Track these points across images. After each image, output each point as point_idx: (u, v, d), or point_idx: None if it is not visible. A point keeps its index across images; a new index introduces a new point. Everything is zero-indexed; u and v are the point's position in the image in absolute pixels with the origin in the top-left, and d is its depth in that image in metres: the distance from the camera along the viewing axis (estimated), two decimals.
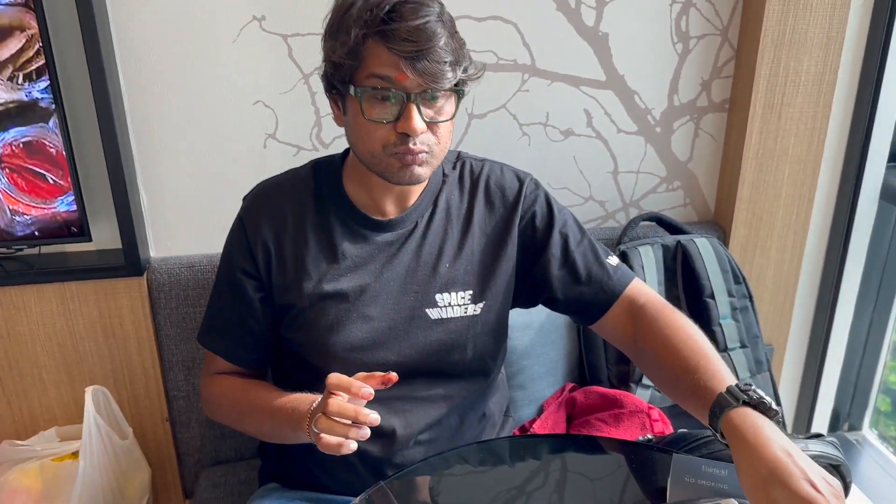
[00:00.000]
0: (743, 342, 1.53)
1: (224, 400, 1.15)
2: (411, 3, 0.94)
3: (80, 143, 1.41)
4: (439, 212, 1.14)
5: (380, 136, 0.99)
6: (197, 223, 1.52)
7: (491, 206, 1.16)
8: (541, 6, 1.49)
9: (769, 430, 0.89)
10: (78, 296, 1.46)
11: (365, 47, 0.95)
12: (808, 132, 1.61)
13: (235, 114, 1.46)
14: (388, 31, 0.93)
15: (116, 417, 1.49)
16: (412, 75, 0.94)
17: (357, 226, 1.11)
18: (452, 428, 1.19)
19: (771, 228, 1.68)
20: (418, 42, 0.93)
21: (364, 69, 0.96)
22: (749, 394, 0.93)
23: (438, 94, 0.98)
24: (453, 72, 0.96)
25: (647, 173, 1.67)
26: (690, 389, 0.99)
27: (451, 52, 0.96)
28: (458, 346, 1.13)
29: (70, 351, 1.50)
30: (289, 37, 1.43)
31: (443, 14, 0.98)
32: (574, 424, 1.46)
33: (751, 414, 0.91)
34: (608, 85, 1.57)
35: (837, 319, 1.84)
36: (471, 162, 1.18)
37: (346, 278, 1.09)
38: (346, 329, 1.09)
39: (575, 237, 1.17)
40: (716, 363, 1.00)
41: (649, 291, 1.16)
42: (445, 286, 1.12)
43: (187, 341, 1.51)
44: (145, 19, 1.37)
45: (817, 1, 1.50)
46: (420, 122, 0.97)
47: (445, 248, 1.13)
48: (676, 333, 1.05)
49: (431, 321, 1.12)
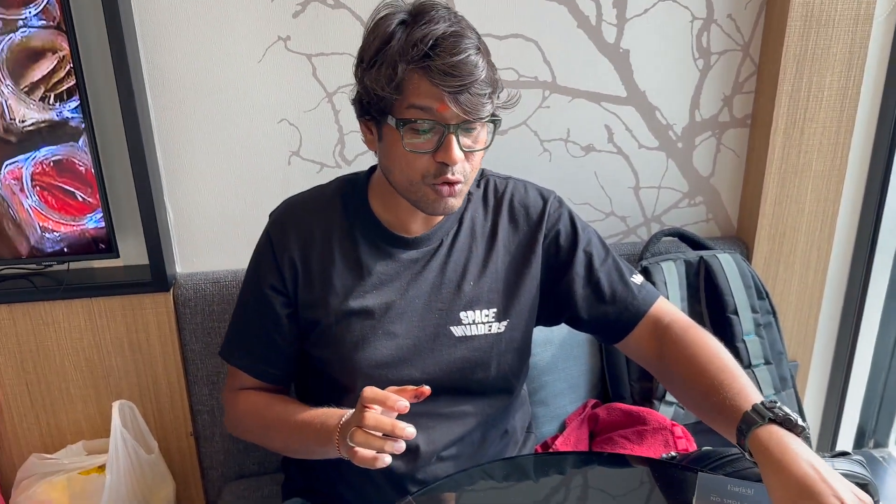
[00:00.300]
0: (767, 359, 1.52)
1: (249, 415, 1.16)
2: (453, 37, 0.95)
3: (109, 161, 1.44)
4: (464, 230, 1.14)
5: (419, 167, 1.00)
6: (222, 239, 1.55)
7: (515, 225, 1.16)
8: (561, 24, 1.50)
9: (797, 447, 0.89)
10: (105, 311, 1.49)
11: (407, 80, 0.96)
12: (831, 147, 1.60)
13: (260, 132, 1.48)
14: (432, 66, 0.94)
15: (142, 431, 1.51)
16: (454, 108, 0.95)
17: (383, 243, 1.12)
18: (475, 444, 1.19)
19: (794, 244, 1.67)
20: (461, 77, 0.94)
21: (405, 101, 0.97)
22: (775, 411, 0.92)
23: (477, 125, 1.00)
24: (491, 103, 0.98)
25: (669, 188, 1.67)
26: (717, 408, 0.99)
27: (489, 83, 0.97)
28: (481, 364, 1.13)
29: (97, 365, 1.52)
30: (313, 56, 1.45)
31: (480, 44, 0.99)
32: (597, 441, 1.45)
33: (777, 431, 0.91)
34: (629, 101, 1.58)
35: (862, 335, 1.82)
36: (494, 180, 1.19)
37: (371, 295, 1.10)
38: (372, 346, 1.10)
39: (599, 256, 1.17)
40: (741, 381, 1.00)
41: (674, 310, 1.16)
42: (470, 304, 1.13)
43: (212, 356, 1.52)
44: (173, 40, 1.40)
45: (840, 16, 1.49)
46: (459, 152, 0.98)
47: (470, 265, 1.13)
48: (702, 352, 1.05)
49: (455, 339, 1.12)
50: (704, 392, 1.02)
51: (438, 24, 0.95)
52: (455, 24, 0.97)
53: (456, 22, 0.98)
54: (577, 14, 1.50)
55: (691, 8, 1.53)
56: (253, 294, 1.15)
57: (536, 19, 1.49)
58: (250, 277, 1.17)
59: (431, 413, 1.12)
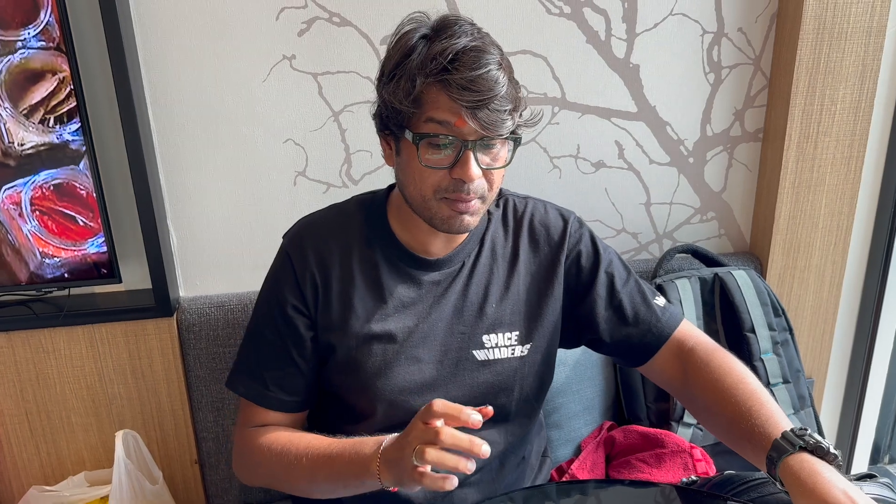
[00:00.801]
0: (786, 377, 1.49)
1: (266, 454, 1.06)
2: (473, 52, 0.93)
3: (110, 184, 1.40)
4: (485, 251, 1.11)
5: (433, 181, 0.97)
6: (226, 262, 1.51)
7: (535, 246, 1.14)
8: (570, 40, 1.47)
9: (828, 474, 0.86)
10: (108, 337, 1.45)
11: (426, 94, 0.94)
12: (844, 161, 1.58)
13: (266, 152, 1.45)
14: (450, 80, 0.92)
15: (146, 461, 1.46)
16: (472, 124, 0.92)
17: (404, 265, 1.08)
18: (494, 471, 1.16)
19: (809, 259, 1.64)
20: (480, 91, 0.91)
21: (423, 115, 0.95)
22: (805, 438, 0.90)
23: (496, 142, 0.97)
24: (512, 119, 0.95)
25: (681, 204, 1.64)
26: (746, 435, 0.96)
27: (510, 100, 0.94)
28: (505, 389, 1.10)
29: (99, 393, 1.48)
30: (318, 75, 1.42)
31: (503, 61, 0.97)
32: (613, 465, 1.42)
33: (809, 459, 0.89)
34: (640, 116, 1.55)
35: (878, 349, 1.79)
36: (514, 200, 1.16)
37: (393, 319, 1.07)
38: (395, 371, 1.06)
39: (621, 277, 1.14)
40: (769, 407, 0.98)
41: (698, 333, 1.13)
42: (492, 327, 1.10)
43: (217, 382, 1.48)
44: (176, 60, 1.37)
45: (852, 28, 1.47)
46: (476, 168, 0.95)
47: (492, 288, 1.10)
48: (728, 377, 1.03)
49: (478, 363, 1.09)
50: (732, 419, 0.99)
51: (460, 38, 0.93)
52: (478, 39, 0.95)
53: (479, 37, 0.96)
54: (586, 29, 1.47)
55: (701, 22, 1.51)
56: (271, 318, 1.08)
57: (545, 35, 1.46)
58: (267, 299, 1.10)
59: None
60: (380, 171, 1.50)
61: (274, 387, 1.09)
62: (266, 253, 1.50)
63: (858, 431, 1.88)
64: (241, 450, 1.11)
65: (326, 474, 0.99)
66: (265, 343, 1.10)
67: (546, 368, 1.16)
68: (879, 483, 1.19)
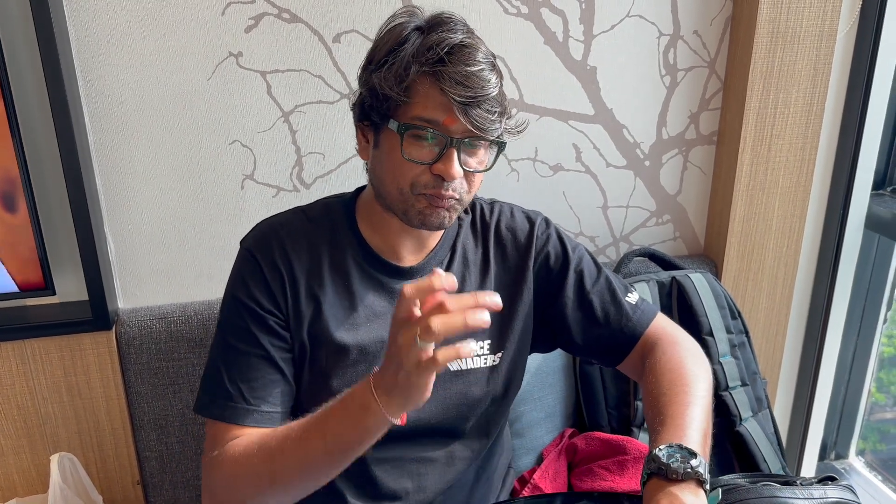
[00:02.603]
0: (744, 380, 1.49)
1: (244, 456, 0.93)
2: (468, 48, 0.91)
3: (42, 188, 1.31)
4: (457, 259, 1.08)
5: (412, 176, 0.93)
6: (169, 271, 1.43)
7: (503, 251, 1.11)
8: (528, 40, 1.44)
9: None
10: (40, 354, 1.35)
11: (418, 84, 0.91)
12: (797, 163, 1.59)
13: (210, 155, 1.38)
14: (445, 73, 0.89)
15: (84, 485, 1.37)
16: (463, 120, 0.90)
17: (375, 272, 1.03)
18: (468, 485, 1.13)
19: (762, 261, 1.65)
20: (473, 89, 0.89)
21: (411, 106, 0.92)
22: (659, 461, 0.85)
23: (481, 144, 0.95)
24: (500, 123, 0.93)
25: (637, 207, 1.63)
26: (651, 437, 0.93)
27: (500, 103, 0.93)
28: (476, 399, 1.07)
29: (31, 414, 1.38)
30: (267, 73, 1.35)
31: (495, 63, 0.95)
32: (576, 473, 1.39)
33: (655, 485, 0.84)
34: (597, 119, 1.54)
35: (826, 350, 1.82)
36: (481, 204, 1.13)
37: (364, 328, 1.01)
38: None
39: (591, 276, 1.11)
40: (679, 420, 0.91)
41: (668, 326, 1.11)
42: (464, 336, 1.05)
43: (159, 398, 1.40)
44: (113, 55, 1.29)
45: (805, 31, 1.49)
46: (458, 167, 0.92)
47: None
48: (669, 375, 0.99)
49: (451, 373, 1.05)
50: (650, 417, 0.96)
51: (456, 33, 0.92)
52: (471, 37, 0.94)
53: (473, 37, 0.94)
54: (543, 30, 1.45)
55: (658, 24, 1.50)
56: (244, 326, 0.98)
57: (503, 35, 1.43)
58: (235, 307, 0.99)
59: (423, 458, 1.04)
60: (333, 175, 1.44)
61: (255, 399, 0.97)
62: (211, 261, 1.44)
63: (808, 429, 1.90)
64: (212, 474, 0.96)
65: (320, 443, 0.86)
66: (240, 354, 0.99)
67: (515, 377, 1.12)
68: (841, 486, 1.19)
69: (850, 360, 1.91)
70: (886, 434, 2.08)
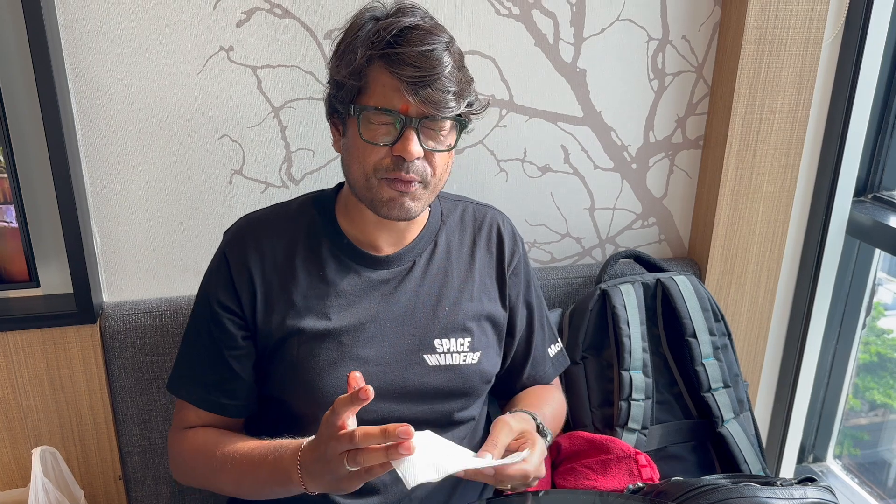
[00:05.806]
0: (726, 382, 1.50)
1: (196, 456, 1.04)
2: (420, 31, 0.92)
3: (28, 180, 1.30)
4: (439, 252, 1.09)
5: (375, 159, 0.95)
6: (155, 265, 1.42)
7: (491, 254, 1.13)
8: (519, 42, 1.45)
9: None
10: (23, 346, 1.34)
11: (369, 69, 0.93)
12: (781, 168, 1.61)
13: (199, 149, 1.37)
14: (393, 55, 0.91)
15: (66, 479, 1.36)
16: (414, 101, 0.91)
17: (350, 261, 1.05)
18: (445, 480, 1.12)
19: (745, 265, 1.67)
20: (422, 68, 0.90)
21: (367, 91, 0.94)
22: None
23: (441, 125, 0.96)
24: (457, 102, 0.94)
25: (623, 210, 1.65)
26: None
27: (455, 82, 0.94)
28: (456, 396, 1.08)
29: (13, 407, 1.37)
30: (258, 68, 1.35)
31: (451, 45, 0.96)
32: (559, 472, 1.40)
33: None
34: (585, 121, 1.55)
35: (807, 353, 1.84)
36: (473, 207, 1.16)
37: (336, 315, 1.03)
38: (339, 372, 1.02)
39: (539, 317, 1.22)
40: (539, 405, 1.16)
41: (555, 381, 1.29)
42: (445, 331, 1.07)
43: (143, 392, 1.39)
44: (102, 48, 1.28)
45: (791, 39, 1.51)
46: (417, 146, 0.93)
47: (445, 290, 1.08)
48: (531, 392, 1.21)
49: (429, 368, 1.06)
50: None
51: (407, 17, 0.94)
52: (428, 22, 0.95)
53: (430, 21, 0.96)
54: (534, 32, 1.45)
55: (647, 28, 1.51)
56: (205, 318, 1.05)
57: (494, 36, 1.44)
58: (202, 300, 1.07)
59: None
60: (322, 171, 1.44)
61: (214, 391, 1.05)
62: (198, 255, 1.43)
63: (788, 432, 1.93)
64: (173, 452, 1.10)
65: (251, 483, 0.96)
66: (202, 345, 1.06)
67: (493, 372, 1.15)
68: (821, 487, 1.21)
69: (830, 364, 1.94)
70: (860, 440, 2.12)
